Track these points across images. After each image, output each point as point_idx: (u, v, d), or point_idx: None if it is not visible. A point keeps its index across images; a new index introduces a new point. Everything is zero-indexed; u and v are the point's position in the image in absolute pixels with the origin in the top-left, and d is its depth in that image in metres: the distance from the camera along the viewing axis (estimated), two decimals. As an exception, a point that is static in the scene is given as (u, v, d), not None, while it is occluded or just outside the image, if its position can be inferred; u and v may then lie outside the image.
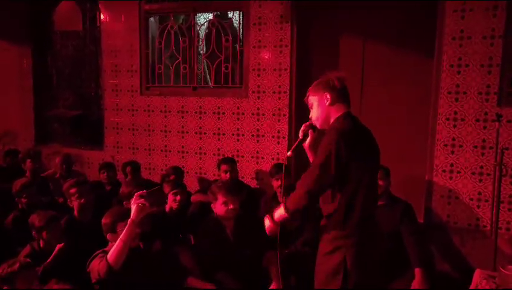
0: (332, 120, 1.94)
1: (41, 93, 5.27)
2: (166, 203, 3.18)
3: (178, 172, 4.02)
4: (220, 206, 2.93)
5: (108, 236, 2.32)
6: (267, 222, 2.07)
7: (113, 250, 2.09)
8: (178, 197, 3.14)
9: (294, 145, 2.06)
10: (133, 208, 2.14)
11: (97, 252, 2.27)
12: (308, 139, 2.04)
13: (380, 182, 3.12)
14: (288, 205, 1.94)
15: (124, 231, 2.11)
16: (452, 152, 3.51)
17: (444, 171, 3.55)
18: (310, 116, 2.02)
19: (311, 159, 2.07)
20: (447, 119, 3.51)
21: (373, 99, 3.85)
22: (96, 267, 2.13)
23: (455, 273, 3.53)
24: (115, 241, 2.17)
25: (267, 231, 2.08)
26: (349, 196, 1.89)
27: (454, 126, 3.49)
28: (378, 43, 3.85)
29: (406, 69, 3.76)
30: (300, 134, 2.04)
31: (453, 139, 3.50)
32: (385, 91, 3.83)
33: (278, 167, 3.58)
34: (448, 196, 3.56)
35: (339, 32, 4.00)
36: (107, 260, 2.08)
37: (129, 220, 2.12)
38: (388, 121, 3.81)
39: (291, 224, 3.47)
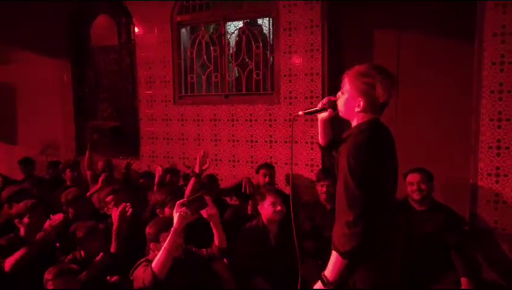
0: (354, 123, 1.76)
1: (81, 105, 5.48)
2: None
3: (212, 180, 4.04)
4: (267, 207, 2.97)
5: (151, 245, 2.34)
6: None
7: (158, 259, 2.11)
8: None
9: (309, 110, 1.91)
10: (176, 217, 2.13)
11: (140, 260, 2.30)
12: (325, 114, 1.87)
13: (422, 186, 3.02)
14: (336, 245, 1.65)
15: (168, 240, 2.12)
16: (498, 154, 3.32)
17: (489, 174, 3.36)
18: (338, 95, 1.80)
19: (320, 132, 1.95)
20: (491, 119, 3.32)
21: (410, 100, 3.71)
22: (141, 275, 2.15)
23: (504, 281, 3.32)
24: (158, 250, 2.19)
25: None
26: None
27: (499, 127, 3.30)
28: (414, 40, 3.71)
29: (444, 67, 3.60)
30: (319, 105, 1.87)
31: (498, 140, 3.31)
32: (423, 91, 3.69)
33: (326, 172, 3.53)
34: (495, 200, 3.36)
35: (371, 30, 3.90)
36: (151, 269, 2.10)
37: (172, 229, 2.12)
38: (427, 123, 3.67)
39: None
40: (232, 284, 2.85)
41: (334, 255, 1.67)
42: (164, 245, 2.10)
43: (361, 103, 1.70)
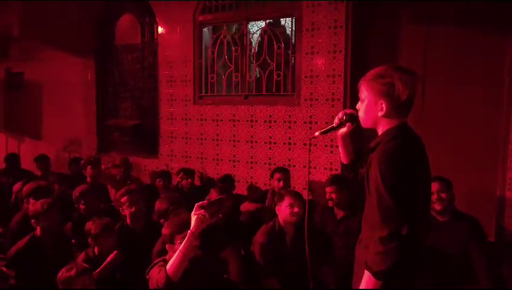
0: (380, 131, 1.62)
1: (103, 103, 5.56)
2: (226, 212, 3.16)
3: (228, 180, 4.01)
4: (285, 208, 2.93)
5: (166, 247, 2.31)
6: None
7: (173, 262, 2.07)
8: (229, 203, 3.12)
9: (326, 128, 1.78)
10: (193, 219, 2.08)
11: (157, 260, 2.27)
12: (343, 129, 1.75)
13: (442, 195, 2.88)
14: (370, 265, 1.52)
15: (184, 242, 2.07)
16: (528, 163, 3.16)
17: (518, 184, 3.20)
18: (357, 106, 1.68)
19: (341, 149, 1.83)
20: (522, 126, 3.16)
21: (436, 103, 3.57)
22: (155, 276, 2.13)
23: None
24: (173, 251, 2.16)
25: None
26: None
27: (531, 134, 3.14)
28: (443, 40, 3.58)
29: (473, 68, 3.46)
30: (336, 120, 1.75)
31: (530, 149, 3.15)
32: (450, 93, 3.55)
33: (331, 179, 3.44)
34: (524, 212, 3.20)
35: (397, 31, 3.78)
36: (166, 271, 2.07)
37: (189, 231, 2.08)
38: (453, 127, 3.53)
39: (344, 241, 3.33)
40: (240, 275, 2.81)
41: (366, 275, 1.53)
42: (180, 248, 2.06)
43: (384, 105, 1.57)
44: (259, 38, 4.44)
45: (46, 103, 6.01)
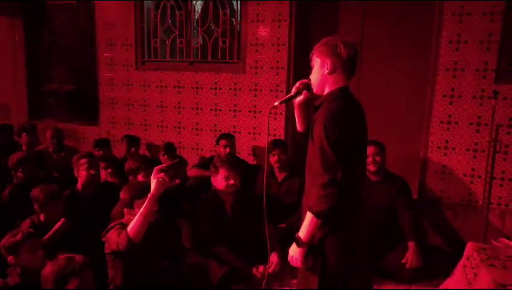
0: (327, 91, 1.81)
1: (35, 67, 5.17)
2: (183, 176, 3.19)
3: (170, 148, 4.02)
4: (220, 181, 2.98)
5: (125, 211, 2.33)
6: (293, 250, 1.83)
7: (134, 224, 2.10)
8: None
9: (284, 98, 1.96)
10: (153, 182, 2.11)
11: (114, 223, 2.29)
12: (300, 97, 1.90)
13: (377, 158, 3.18)
14: (312, 207, 1.74)
15: (145, 205, 2.10)
16: (448, 129, 3.55)
17: (438, 147, 3.60)
18: (310, 75, 1.87)
19: (297, 118, 1.98)
20: (444, 96, 3.53)
21: (371, 75, 3.84)
22: (115, 239, 2.15)
23: (447, 247, 3.63)
24: (131, 215, 2.18)
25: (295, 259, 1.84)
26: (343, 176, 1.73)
27: (451, 103, 3.51)
28: (378, 18, 3.82)
29: (404, 45, 3.75)
30: (293, 90, 1.91)
31: (449, 116, 3.53)
32: (383, 67, 3.83)
33: (274, 143, 3.61)
34: (442, 172, 3.62)
35: (338, 5, 3.95)
36: (127, 233, 2.09)
37: (149, 194, 2.11)
38: (386, 98, 3.82)
39: (287, 200, 3.55)
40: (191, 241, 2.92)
41: (308, 216, 1.75)
42: (141, 210, 2.10)
43: (328, 63, 1.77)
44: (203, 4, 4.37)
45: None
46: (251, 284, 2.78)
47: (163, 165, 2.20)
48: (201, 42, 4.42)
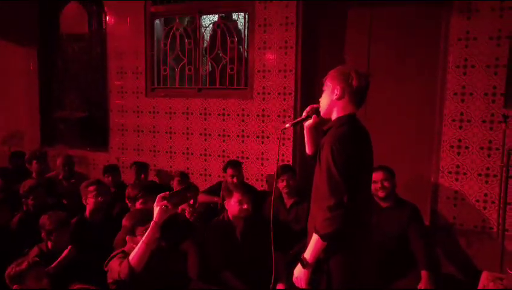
0: (334, 116, 1.88)
1: (48, 95, 5.30)
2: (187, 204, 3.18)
3: (185, 176, 4.03)
4: (234, 205, 2.97)
5: (127, 238, 2.31)
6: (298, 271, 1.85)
7: (136, 252, 2.08)
8: (192, 202, 3.14)
9: (295, 121, 2.06)
10: (156, 210, 2.11)
11: (116, 252, 2.27)
12: (310, 121, 1.99)
13: (386, 184, 3.13)
14: (318, 229, 1.77)
15: (147, 233, 2.09)
16: (458, 153, 3.50)
17: (450, 172, 3.54)
18: (320, 99, 1.95)
19: (307, 141, 2.05)
20: (453, 120, 3.49)
21: (378, 100, 3.82)
22: (117, 268, 2.12)
23: (461, 275, 3.51)
24: (134, 243, 2.17)
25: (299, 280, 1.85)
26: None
27: (460, 127, 3.48)
28: (384, 42, 3.84)
29: (411, 69, 3.75)
30: (304, 113, 2.00)
31: (459, 140, 3.49)
32: (390, 91, 3.82)
33: (283, 168, 3.59)
34: (454, 197, 3.55)
35: (344, 31, 4.00)
36: (129, 262, 2.07)
37: (152, 222, 2.10)
38: (393, 122, 3.81)
39: (296, 226, 3.51)
40: (198, 267, 2.87)
41: (314, 238, 1.78)
42: (143, 238, 2.08)
43: (338, 89, 1.84)
44: (211, 32, 4.47)
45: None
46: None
47: (167, 192, 2.19)
48: (210, 69, 4.50)
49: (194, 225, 3.23)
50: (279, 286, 2.77)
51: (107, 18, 4.78)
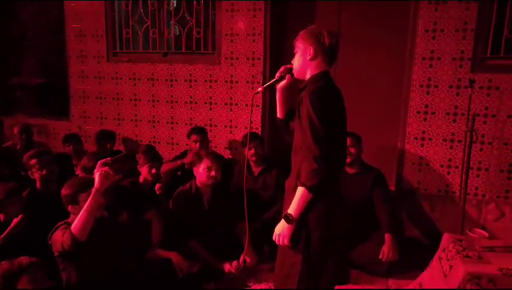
0: (308, 76, 1.87)
1: (3, 60, 4.96)
2: (134, 170, 3.07)
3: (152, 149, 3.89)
4: (203, 171, 2.97)
5: (69, 208, 2.21)
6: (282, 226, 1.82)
7: (78, 221, 1.99)
8: (154, 171, 3.04)
9: (268, 83, 2.02)
10: (97, 176, 2.04)
11: (59, 223, 2.17)
12: (283, 82, 1.97)
13: (352, 150, 3.12)
14: (304, 181, 1.73)
15: (88, 200, 2.01)
16: (424, 119, 3.51)
17: (415, 138, 3.56)
18: (292, 60, 1.92)
19: (279, 104, 2.03)
20: (421, 86, 3.48)
21: (347, 66, 3.76)
22: (60, 239, 2.03)
23: (425, 238, 3.60)
24: (77, 213, 2.07)
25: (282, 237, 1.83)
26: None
27: (428, 93, 3.47)
28: (354, 8, 3.74)
29: (381, 35, 3.68)
30: (277, 74, 1.97)
31: (426, 106, 3.49)
32: (360, 57, 3.75)
33: (251, 136, 3.52)
34: (419, 163, 3.59)
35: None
36: (71, 231, 1.98)
37: (93, 189, 2.02)
38: (362, 88, 3.76)
39: (264, 194, 3.49)
40: (161, 234, 2.82)
41: (300, 191, 1.76)
42: (84, 206, 1.99)
43: (311, 49, 1.84)
44: (177, -7, 4.24)
45: None
46: (223, 281, 2.70)
47: (108, 158, 2.13)
48: (177, 33, 4.28)
49: (158, 195, 3.15)
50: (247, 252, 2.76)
51: (63, -24, 4.43)
